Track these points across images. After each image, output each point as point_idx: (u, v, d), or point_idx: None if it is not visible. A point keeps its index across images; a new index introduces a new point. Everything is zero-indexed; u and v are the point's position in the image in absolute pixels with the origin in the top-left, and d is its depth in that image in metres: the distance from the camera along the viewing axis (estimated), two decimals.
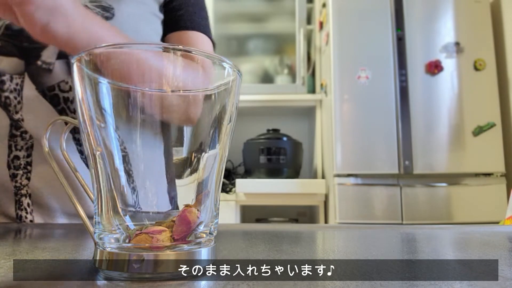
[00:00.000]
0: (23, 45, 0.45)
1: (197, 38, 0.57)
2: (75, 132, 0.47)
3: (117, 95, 0.20)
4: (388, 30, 1.65)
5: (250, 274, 0.20)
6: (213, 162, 0.22)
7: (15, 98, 0.44)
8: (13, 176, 0.45)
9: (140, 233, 0.19)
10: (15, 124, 0.44)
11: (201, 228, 0.21)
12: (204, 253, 0.20)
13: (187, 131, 0.21)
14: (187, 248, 0.20)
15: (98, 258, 0.20)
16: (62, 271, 0.21)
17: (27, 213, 0.45)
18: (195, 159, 0.21)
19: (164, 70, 0.20)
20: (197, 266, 0.20)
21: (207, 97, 0.21)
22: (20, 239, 0.34)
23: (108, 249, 0.19)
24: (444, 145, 1.59)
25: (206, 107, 0.21)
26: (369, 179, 1.57)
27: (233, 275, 0.20)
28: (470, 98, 1.63)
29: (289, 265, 0.22)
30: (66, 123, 0.23)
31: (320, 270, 0.21)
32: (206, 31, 0.58)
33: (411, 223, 1.53)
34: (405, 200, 1.56)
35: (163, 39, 0.56)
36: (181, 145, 0.21)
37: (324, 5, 1.83)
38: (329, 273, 0.20)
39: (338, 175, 1.57)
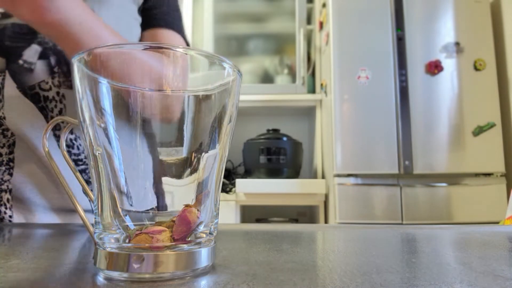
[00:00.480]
0: (4, 44, 0.45)
1: (170, 36, 0.57)
2: (55, 129, 0.47)
3: (116, 95, 0.20)
4: (388, 30, 1.65)
5: (250, 274, 0.20)
6: (213, 162, 0.22)
7: None
8: None
9: (140, 233, 0.19)
10: None
11: (201, 228, 0.21)
12: (204, 253, 0.20)
13: (187, 131, 0.21)
14: (187, 248, 0.20)
15: (98, 258, 0.20)
16: (61, 271, 0.21)
17: (6, 208, 0.46)
18: (195, 159, 0.21)
19: (159, 70, 0.20)
20: (197, 267, 0.20)
21: (207, 97, 0.21)
22: (13, 239, 0.34)
23: (108, 249, 0.19)
24: (444, 145, 1.59)
25: (206, 107, 0.21)
26: (369, 179, 1.57)
27: (233, 275, 0.20)
28: (470, 98, 1.63)
29: (289, 265, 0.22)
30: (60, 123, 0.23)
31: (320, 270, 0.21)
32: (179, 30, 0.58)
33: (411, 223, 1.53)
34: (405, 200, 1.56)
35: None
36: (181, 145, 0.21)
37: (324, 5, 1.83)
38: (329, 273, 0.20)
39: (338, 175, 1.57)
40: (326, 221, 1.70)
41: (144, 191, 0.20)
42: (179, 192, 0.21)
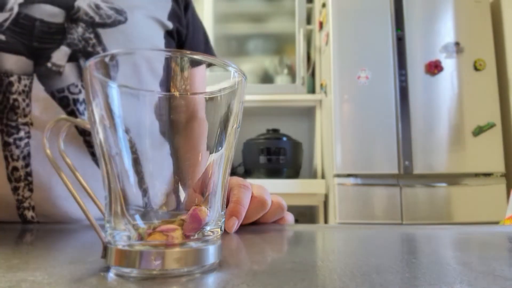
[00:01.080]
0: (32, 45, 0.43)
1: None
2: (85, 135, 0.45)
3: (126, 98, 0.20)
4: (388, 30, 1.65)
5: (250, 274, 0.20)
6: (219, 163, 0.22)
7: (24, 100, 0.42)
8: (15, 189, 0.42)
9: (154, 231, 0.20)
10: (7, 130, 0.42)
11: (209, 226, 0.22)
12: (211, 251, 0.21)
13: (193, 133, 0.22)
14: (195, 246, 0.21)
15: (109, 255, 0.20)
16: (70, 268, 0.21)
17: (32, 225, 0.43)
18: (202, 160, 0.22)
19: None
20: (205, 263, 0.21)
21: (213, 100, 0.22)
22: (25, 239, 0.34)
23: (120, 247, 0.20)
24: (444, 145, 1.59)
25: (212, 109, 0.22)
26: (369, 179, 1.57)
27: (233, 275, 0.20)
28: (470, 98, 1.63)
29: (289, 265, 0.22)
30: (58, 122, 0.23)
31: (320, 270, 0.21)
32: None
33: (411, 223, 1.54)
34: (405, 200, 1.56)
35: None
36: (188, 146, 0.22)
37: (324, 5, 1.83)
38: (329, 274, 0.20)
39: (338, 175, 1.57)
40: (326, 221, 1.70)
41: (153, 191, 0.21)
42: (187, 192, 0.22)
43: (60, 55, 0.44)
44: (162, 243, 0.20)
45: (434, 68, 1.62)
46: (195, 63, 0.20)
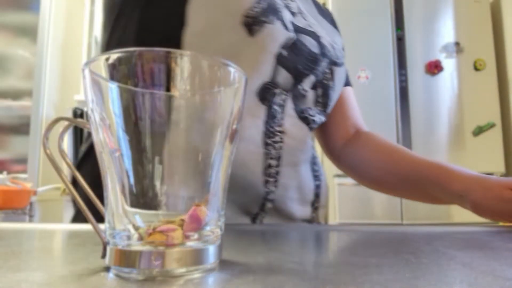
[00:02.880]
0: (297, 66, 0.49)
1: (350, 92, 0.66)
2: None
3: (126, 98, 0.21)
4: (388, 30, 1.65)
5: (249, 274, 0.20)
6: (219, 163, 0.22)
7: (280, 112, 0.49)
8: (265, 183, 0.49)
9: (154, 231, 0.20)
10: (268, 134, 0.49)
11: (209, 226, 0.22)
12: (211, 251, 0.21)
13: (193, 133, 0.22)
14: (195, 246, 0.21)
15: (108, 255, 0.20)
16: (70, 269, 0.21)
17: (265, 213, 0.50)
18: (202, 160, 0.22)
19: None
20: (205, 263, 0.21)
21: (214, 100, 0.22)
22: (13, 240, 0.34)
23: (120, 247, 0.20)
24: (444, 145, 1.59)
25: (212, 109, 0.22)
26: None
27: (233, 275, 0.20)
28: (470, 98, 1.63)
29: (289, 265, 0.22)
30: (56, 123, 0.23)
31: (319, 270, 0.21)
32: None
33: (411, 223, 1.53)
34: (405, 200, 1.56)
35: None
36: (189, 146, 0.22)
37: (324, 5, 1.83)
38: (329, 273, 0.20)
39: (338, 175, 1.57)
40: (326, 221, 1.70)
41: (153, 191, 0.21)
42: (187, 192, 0.22)
43: (308, 82, 0.51)
44: (162, 243, 0.20)
45: (434, 68, 1.63)
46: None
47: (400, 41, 1.64)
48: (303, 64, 0.50)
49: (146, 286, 0.18)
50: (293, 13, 0.53)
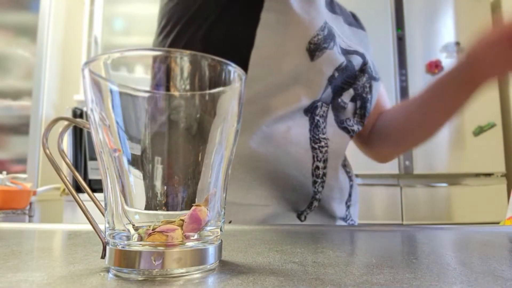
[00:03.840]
0: (339, 82, 0.54)
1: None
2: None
3: (126, 98, 0.21)
4: (388, 30, 1.65)
5: (249, 275, 0.20)
6: (219, 163, 0.22)
7: (322, 122, 0.54)
8: (314, 183, 0.53)
9: (154, 231, 0.20)
10: (313, 139, 0.53)
11: (209, 227, 0.22)
12: (211, 251, 0.21)
13: (194, 133, 0.22)
14: (195, 246, 0.21)
15: (108, 255, 0.20)
16: (71, 269, 0.21)
17: (310, 211, 0.54)
18: (202, 160, 0.22)
19: None
20: (206, 264, 0.21)
21: (214, 100, 0.22)
22: (12, 240, 0.34)
23: (119, 247, 0.20)
24: (444, 145, 1.59)
25: (212, 109, 0.22)
26: (369, 179, 1.57)
27: (232, 275, 0.20)
28: None
29: (289, 266, 0.22)
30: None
31: (319, 270, 0.21)
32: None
33: (411, 223, 1.53)
34: (405, 200, 1.56)
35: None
36: (189, 146, 0.22)
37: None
38: (329, 274, 0.20)
39: None
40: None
41: (153, 191, 0.21)
42: (187, 192, 0.22)
43: (347, 95, 0.56)
44: (162, 244, 0.20)
45: (434, 67, 1.62)
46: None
47: (400, 41, 1.64)
48: (344, 80, 0.55)
49: (146, 286, 0.18)
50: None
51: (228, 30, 0.51)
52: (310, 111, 0.53)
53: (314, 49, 0.50)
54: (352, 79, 0.56)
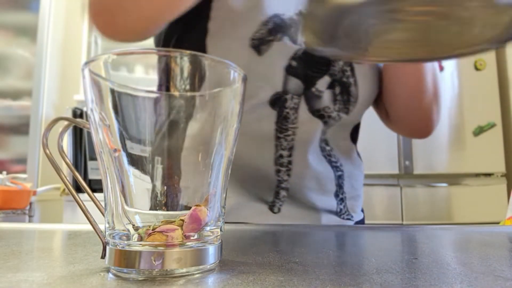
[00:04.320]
0: (307, 72, 0.53)
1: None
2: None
3: (126, 98, 0.21)
4: None
5: (249, 275, 0.20)
6: (219, 163, 0.22)
7: (293, 114, 0.53)
8: (277, 172, 0.53)
9: (153, 231, 0.20)
10: (280, 130, 0.53)
11: (209, 227, 0.22)
12: (211, 251, 0.21)
13: (194, 133, 0.22)
14: (195, 246, 0.21)
15: (108, 255, 0.20)
16: (71, 269, 0.21)
17: (280, 201, 0.53)
18: (202, 160, 0.22)
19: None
20: (206, 264, 0.21)
21: (214, 100, 0.22)
22: (12, 240, 0.34)
23: (119, 247, 0.20)
24: (444, 145, 1.59)
25: (212, 109, 0.22)
26: (370, 179, 1.57)
27: (232, 275, 0.20)
28: (470, 98, 1.63)
29: (289, 266, 0.22)
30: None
31: (320, 270, 0.21)
32: None
33: (411, 223, 1.53)
34: (405, 200, 1.56)
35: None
36: (189, 146, 0.22)
37: None
38: (329, 274, 0.20)
39: None
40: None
41: (153, 191, 0.21)
42: (186, 192, 0.22)
43: (322, 83, 0.54)
44: (162, 244, 0.20)
45: None
46: None
47: None
48: (314, 68, 0.53)
49: (146, 286, 0.18)
50: None
51: (188, 45, 0.54)
52: (278, 104, 0.52)
53: (259, 44, 0.51)
54: (325, 65, 0.54)
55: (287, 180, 0.53)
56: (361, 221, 0.61)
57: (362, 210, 0.62)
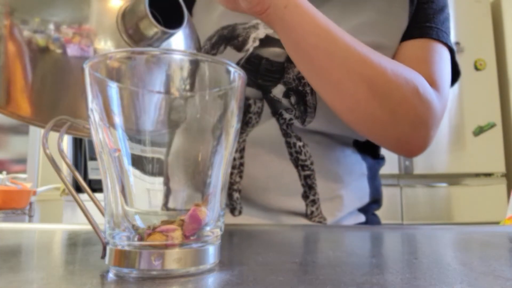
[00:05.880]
0: (257, 81, 0.52)
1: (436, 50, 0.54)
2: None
3: (126, 98, 0.21)
4: None
5: (249, 275, 0.20)
6: (219, 163, 0.22)
7: (255, 118, 0.52)
8: (230, 174, 0.52)
9: (153, 231, 0.20)
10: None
11: (209, 227, 0.22)
12: (211, 251, 0.21)
13: (194, 133, 0.22)
14: (195, 246, 0.21)
15: (108, 255, 0.20)
16: (71, 269, 0.21)
17: (236, 204, 0.52)
18: (202, 160, 0.22)
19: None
20: (205, 264, 0.21)
21: (213, 100, 0.22)
22: (12, 240, 0.34)
23: (120, 247, 0.20)
24: (444, 145, 1.59)
25: (212, 109, 0.22)
26: None
27: (232, 275, 0.20)
28: (470, 98, 1.62)
29: (289, 266, 0.22)
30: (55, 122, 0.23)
31: (320, 271, 0.21)
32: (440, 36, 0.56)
33: (411, 223, 1.53)
34: (405, 200, 1.56)
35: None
36: (188, 147, 0.22)
37: None
38: (329, 274, 0.20)
39: None
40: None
41: (153, 191, 0.21)
42: (186, 192, 0.22)
43: (277, 91, 0.52)
44: (161, 244, 0.20)
45: None
46: None
47: None
48: (265, 76, 0.52)
49: (146, 286, 0.18)
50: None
51: None
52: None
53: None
54: (276, 73, 0.51)
55: (239, 182, 0.52)
56: (364, 223, 0.55)
57: (364, 212, 0.56)
